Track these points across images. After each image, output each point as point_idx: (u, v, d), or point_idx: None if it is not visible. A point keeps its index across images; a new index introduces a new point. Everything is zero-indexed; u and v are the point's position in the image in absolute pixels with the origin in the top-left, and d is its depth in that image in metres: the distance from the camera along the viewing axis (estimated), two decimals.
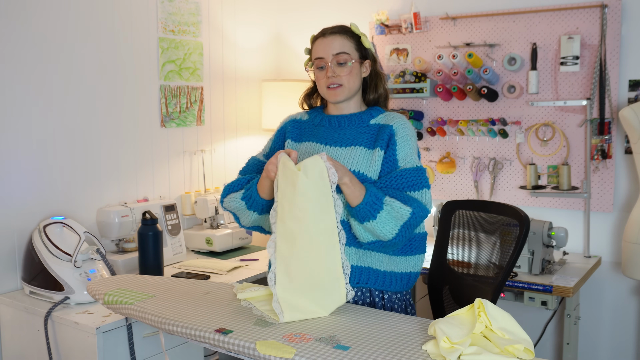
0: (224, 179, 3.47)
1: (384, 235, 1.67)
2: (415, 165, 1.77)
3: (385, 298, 1.84)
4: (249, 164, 1.96)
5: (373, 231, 1.68)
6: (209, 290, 1.80)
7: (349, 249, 1.78)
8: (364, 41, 1.87)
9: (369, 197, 1.66)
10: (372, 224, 1.66)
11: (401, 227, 1.67)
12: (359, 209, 1.66)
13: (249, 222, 1.87)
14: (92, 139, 2.77)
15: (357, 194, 1.66)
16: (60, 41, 2.61)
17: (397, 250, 1.82)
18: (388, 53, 3.44)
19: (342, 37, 1.84)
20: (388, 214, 1.66)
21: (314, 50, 1.87)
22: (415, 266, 1.87)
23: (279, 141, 1.95)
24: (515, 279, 2.59)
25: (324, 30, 1.87)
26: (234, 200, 1.84)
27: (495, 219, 2.17)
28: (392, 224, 1.66)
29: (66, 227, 2.45)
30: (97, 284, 1.82)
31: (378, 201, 1.66)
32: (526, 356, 1.29)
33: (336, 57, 1.82)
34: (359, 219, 1.67)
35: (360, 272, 1.79)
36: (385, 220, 1.65)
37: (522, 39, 3.06)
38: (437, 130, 3.29)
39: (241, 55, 3.57)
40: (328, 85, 1.83)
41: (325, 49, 1.83)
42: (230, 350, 1.43)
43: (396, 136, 1.79)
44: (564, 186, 2.96)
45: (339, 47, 1.82)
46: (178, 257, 2.94)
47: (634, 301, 2.94)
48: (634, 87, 2.83)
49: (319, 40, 1.86)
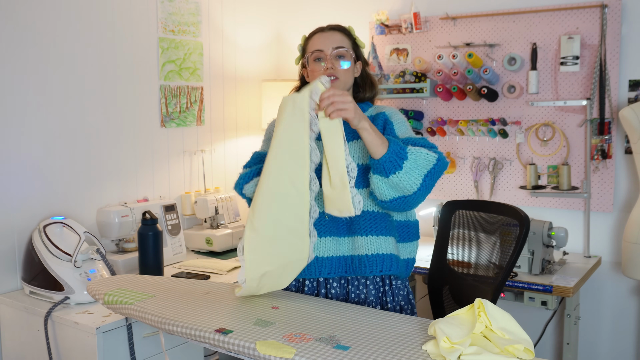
0: (224, 179, 3.47)
1: (409, 187, 1.63)
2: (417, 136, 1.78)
3: (393, 285, 1.86)
4: (255, 157, 1.94)
5: (398, 184, 1.63)
6: (209, 290, 1.80)
7: (364, 238, 1.78)
8: (358, 41, 1.91)
9: (395, 146, 1.62)
10: (399, 175, 1.62)
11: (425, 176, 1.64)
12: (385, 159, 1.61)
13: None
14: (92, 139, 2.77)
15: (379, 141, 1.62)
16: (60, 41, 2.61)
17: (402, 235, 1.86)
18: (388, 53, 3.44)
19: (341, 34, 1.88)
20: (413, 163, 1.63)
21: (312, 43, 1.88)
22: (412, 252, 1.92)
23: None
24: (515, 279, 2.59)
25: (321, 27, 1.90)
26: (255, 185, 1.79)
27: (495, 219, 2.17)
28: (417, 173, 1.63)
29: (66, 227, 2.45)
30: (97, 284, 1.82)
31: (402, 150, 1.62)
32: (526, 356, 1.29)
33: (336, 51, 1.84)
34: (385, 172, 1.62)
35: (374, 260, 1.79)
36: (410, 169, 1.62)
37: (522, 39, 3.06)
38: (437, 130, 3.29)
39: (241, 55, 3.57)
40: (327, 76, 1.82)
41: (325, 42, 1.84)
42: (230, 350, 1.43)
43: (391, 119, 1.81)
44: (564, 186, 2.96)
45: (339, 41, 1.85)
46: (178, 257, 2.94)
47: (634, 301, 2.94)
48: (634, 87, 2.83)
49: (317, 34, 1.88)
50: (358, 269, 1.79)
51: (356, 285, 1.83)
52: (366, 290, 1.83)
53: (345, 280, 1.84)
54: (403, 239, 1.88)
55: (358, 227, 1.79)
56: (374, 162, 1.64)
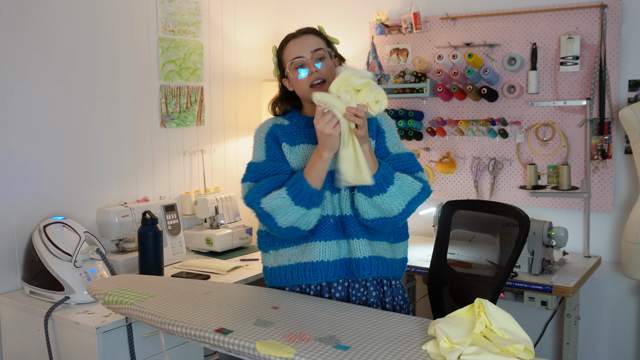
0: (224, 179, 3.47)
1: (391, 210, 1.72)
2: (406, 151, 1.86)
3: (392, 285, 1.88)
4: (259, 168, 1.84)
5: (381, 206, 1.72)
6: (209, 290, 1.80)
7: (360, 241, 1.80)
8: (331, 39, 1.90)
9: (383, 170, 1.71)
10: (382, 197, 1.70)
11: (408, 203, 1.74)
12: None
13: (290, 222, 1.75)
14: (92, 139, 2.77)
15: (371, 164, 1.70)
16: (60, 42, 2.61)
17: (396, 236, 1.88)
18: (388, 53, 3.44)
19: (314, 36, 1.86)
20: (398, 189, 1.72)
21: (289, 52, 1.84)
22: (405, 252, 1.95)
23: (274, 145, 1.88)
24: (515, 279, 2.59)
25: (292, 34, 1.87)
26: (276, 198, 1.72)
27: (495, 219, 2.17)
28: (401, 199, 1.72)
29: (66, 227, 2.45)
30: (97, 284, 1.82)
31: (390, 175, 1.72)
32: (526, 356, 1.29)
33: (315, 54, 1.82)
34: (369, 192, 1.71)
35: (371, 262, 1.80)
36: (395, 194, 1.71)
37: (522, 39, 3.06)
38: (437, 130, 3.29)
39: (241, 55, 3.57)
40: (312, 82, 1.81)
41: (302, 47, 1.82)
42: (230, 350, 1.43)
43: (382, 126, 1.87)
44: (564, 186, 2.96)
45: (315, 43, 1.84)
46: (178, 257, 2.94)
47: (634, 301, 2.94)
48: (634, 87, 2.83)
49: (291, 42, 1.85)
50: (356, 271, 1.80)
51: (357, 287, 1.83)
52: (367, 292, 1.84)
53: (347, 283, 1.84)
54: (397, 239, 1.90)
55: (351, 231, 1.80)
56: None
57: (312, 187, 1.71)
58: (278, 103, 1.95)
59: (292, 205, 1.71)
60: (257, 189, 1.76)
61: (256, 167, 1.85)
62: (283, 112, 1.95)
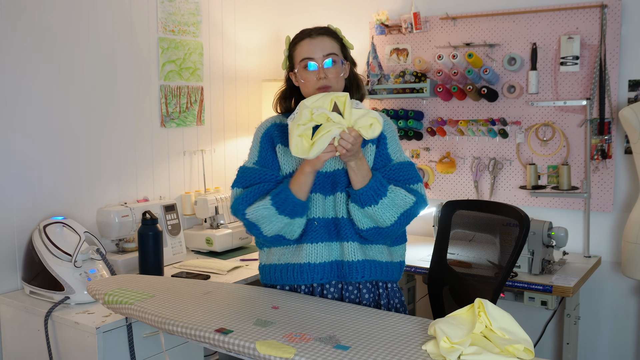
0: (224, 179, 3.47)
1: (383, 221, 1.74)
2: (407, 160, 1.86)
3: (389, 288, 1.88)
4: (247, 174, 1.86)
5: (373, 216, 1.73)
6: (209, 290, 1.80)
7: (353, 244, 1.80)
8: (346, 43, 1.88)
9: (374, 183, 1.73)
10: (374, 208, 1.72)
11: (401, 215, 1.75)
12: (362, 192, 1.72)
13: (274, 230, 1.78)
14: (92, 139, 2.77)
15: (360, 179, 1.73)
16: (60, 41, 2.61)
17: (393, 240, 1.87)
18: (388, 53, 3.44)
19: (330, 39, 1.83)
20: (391, 201, 1.73)
21: (301, 50, 1.83)
22: (403, 255, 1.95)
23: (268, 147, 1.88)
24: (515, 279, 2.59)
25: (309, 31, 1.84)
26: (260, 209, 1.75)
27: (495, 219, 2.17)
28: (393, 211, 1.73)
29: (66, 227, 2.45)
30: (97, 284, 1.82)
31: (382, 187, 1.73)
32: (526, 356, 1.29)
33: (327, 58, 1.80)
34: (360, 203, 1.72)
35: (364, 265, 1.80)
36: (387, 206, 1.72)
37: (522, 39, 3.06)
38: (437, 130, 3.29)
39: (241, 55, 3.57)
40: (319, 87, 1.80)
41: (315, 49, 1.80)
42: (230, 350, 1.43)
43: (385, 131, 1.85)
44: (564, 186, 2.96)
45: (329, 47, 1.81)
46: (178, 257, 2.94)
47: (634, 301, 2.94)
48: (634, 87, 2.83)
49: (306, 40, 1.83)
50: (348, 274, 1.80)
51: (350, 290, 1.84)
52: (360, 294, 1.84)
53: (340, 285, 1.84)
54: (394, 242, 1.89)
55: (345, 234, 1.80)
56: (352, 192, 1.75)
57: (297, 198, 1.74)
58: (282, 100, 1.95)
59: (276, 215, 1.75)
60: (242, 199, 1.80)
61: (245, 172, 1.87)
62: (285, 110, 1.95)
